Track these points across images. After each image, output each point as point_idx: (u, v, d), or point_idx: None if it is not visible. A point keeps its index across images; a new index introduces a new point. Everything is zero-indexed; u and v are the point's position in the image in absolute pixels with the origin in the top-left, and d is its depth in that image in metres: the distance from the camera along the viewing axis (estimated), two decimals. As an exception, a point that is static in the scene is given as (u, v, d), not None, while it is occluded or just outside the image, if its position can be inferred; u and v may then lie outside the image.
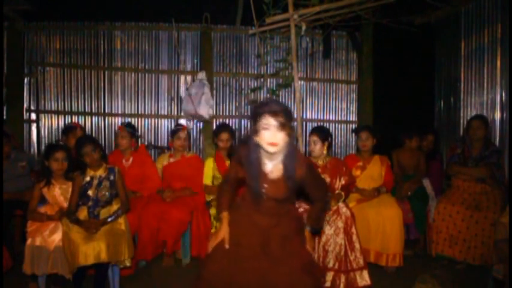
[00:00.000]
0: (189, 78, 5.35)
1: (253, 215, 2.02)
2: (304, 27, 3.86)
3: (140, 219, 3.26)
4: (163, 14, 5.15)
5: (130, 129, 3.66)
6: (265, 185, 1.95)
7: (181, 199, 3.52)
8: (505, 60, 4.07)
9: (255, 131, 1.86)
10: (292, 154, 1.91)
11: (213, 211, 3.47)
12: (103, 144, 5.25)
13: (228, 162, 3.71)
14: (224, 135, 3.72)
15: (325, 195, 2.20)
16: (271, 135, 1.81)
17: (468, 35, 4.69)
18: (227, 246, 1.98)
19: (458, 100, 4.87)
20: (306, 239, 2.11)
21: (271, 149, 1.83)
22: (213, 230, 3.33)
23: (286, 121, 1.82)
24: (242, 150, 1.99)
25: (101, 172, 2.90)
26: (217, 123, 5.39)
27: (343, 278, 2.88)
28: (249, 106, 5.34)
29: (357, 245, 2.97)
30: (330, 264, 2.92)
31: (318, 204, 2.14)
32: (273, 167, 1.95)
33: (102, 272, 2.77)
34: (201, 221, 3.49)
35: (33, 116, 5.30)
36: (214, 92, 5.30)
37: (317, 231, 2.17)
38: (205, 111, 4.89)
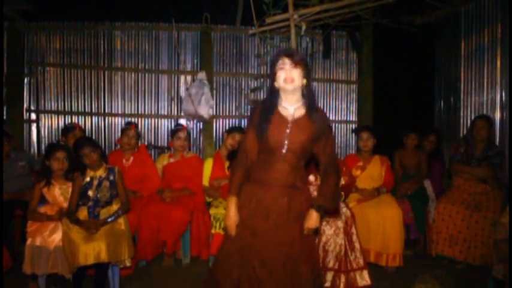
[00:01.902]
0: (189, 78, 5.35)
1: (264, 184, 1.98)
2: (304, 27, 3.86)
3: (140, 219, 3.25)
4: (163, 14, 5.15)
5: (137, 130, 3.70)
6: (288, 130, 1.93)
7: (181, 199, 3.52)
8: (505, 60, 4.07)
9: (272, 77, 1.93)
10: (312, 97, 1.96)
11: (212, 211, 3.47)
12: (103, 144, 5.25)
13: (227, 164, 3.71)
14: (237, 136, 3.70)
15: (337, 167, 2.08)
16: (287, 72, 1.87)
17: (468, 35, 4.69)
18: (233, 233, 1.99)
19: (458, 100, 4.87)
20: (309, 219, 1.98)
21: (288, 86, 1.88)
22: (212, 231, 3.33)
23: (300, 61, 1.88)
24: (258, 106, 2.01)
25: (100, 172, 2.90)
26: (217, 123, 5.40)
27: (343, 278, 2.88)
28: (249, 106, 5.34)
29: (357, 245, 2.97)
30: (330, 264, 2.92)
31: (331, 175, 2.01)
32: (295, 109, 1.97)
33: (102, 272, 2.77)
34: (201, 221, 3.49)
35: (33, 116, 5.30)
36: (214, 92, 5.30)
37: (329, 212, 2.07)
38: (205, 111, 4.89)
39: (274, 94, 1.98)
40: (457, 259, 3.40)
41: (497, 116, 4.20)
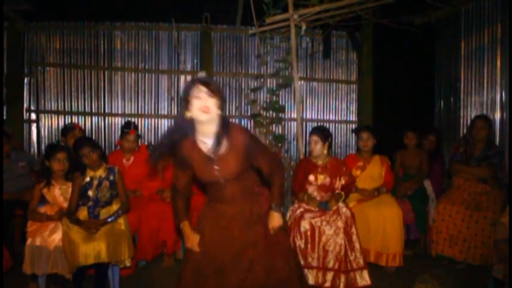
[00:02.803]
0: (189, 78, 5.35)
1: (219, 210, 2.02)
2: (304, 27, 3.86)
3: (140, 219, 3.25)
4: (163, 14, 5.15)
5: (137, 132, 3.70)
6: (216, 166, 1.90)
7: (181, 199, 3.52)
8: (505, 60, 4.07)
9: (186, 107, 1.81)
10: (225, 124, 1.87)
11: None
12: (103, 144, 5.25)
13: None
14: None
15: (279, 167, 2.12)
16: (202, 102, 1.77)
17: (468, 35, 4.69)
18: (197, 249, 2.00)
19: (458, 100, 4.87)
20: (272, 220, 2.07)
21: (203, 116, 1.78)
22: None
23: (216, 90, 1.80)
24: (179, 148, 1.92)
25: (100, 172, 2.90)
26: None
27: (343, 278, 2.88)
28: (249, 106, 5.34)
29: (357, 245, 2.97)
30: (330, 264, 2.92)
31: (275, 175, 2.05)
32: (213, 144, 1.89)
33: (102, 272, 2.77)
34: (201, 221, 3.49)
35: (33, 116, 5.30)
36: (214, 92, 5.29)
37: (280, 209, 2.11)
38: (205, 111, 4.88)
39: (186, 126, 1.85)
40: (457, 259, 3.40)
41: (497, 116, 4.20)
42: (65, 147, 3.06)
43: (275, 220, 2.07)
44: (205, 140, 1.89)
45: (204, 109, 1.77)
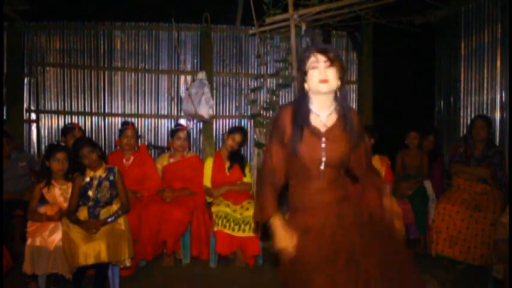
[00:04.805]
0: (189, 78, 5.35)
1: (311, 199, 1.71)
2: (304, 27, 3.85)
3: (140, 219, 3.25)
4: (163, 14, 5.14)
5: (135, 129, 3.70)
6: (323, 144, 1.66)
7: (181, 199, 3.52)
8: (505, 60, 4.06)
9: (302, 77, 1.65)
10: (346, 98, 1.69)
11: (214, 209, 3.47)
12: (103, 144, 5.25)
13: (227, 164, 3.70)
14: (238, 137, 3.70)
15: (377, 175, 1.88)
16: (321, 72, 1.60)
17: (468, 35, 4.69)
18: (293, 254, 1.66)
19: (458, 100, 4.87)
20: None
21: (322, 87, 1.60)
22: (215, 228, 3.32)
23: (336, 58, 1.62)
24: (284, 113, 1.70)
25: (100, 172, 2.90)
26: (217, 123, 5.40)
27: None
28: (249, 106, 5.34)
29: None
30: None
31: (371, 192, 1.77)
32: (327, 116, 1.69)
33: (102, 272, 2.77)
34: (201, 221, 3.49)
35: (33, 116, 5.30)
36: (214, 92, 5.30)
37: None
38: (205, 111, 4.88)
39: (304, 98, 1.68)
40: (457, 259, 3.40)
41: (497, 116, 4.20)
42: (64, 147, 3.06)
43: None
44: (320, 112, 1.69)
45: (324, 80, 1.60)
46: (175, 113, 5.41)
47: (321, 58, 1.61)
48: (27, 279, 2.86)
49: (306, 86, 1.66)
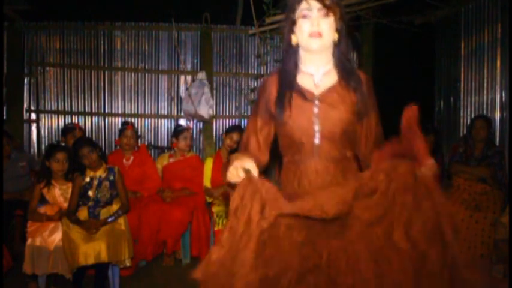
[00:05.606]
0: (189, 78, 5.35)
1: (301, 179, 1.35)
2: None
3: (140, 219, 3.25)
4: (163, 14, 5.14)
5: (135, 129, 3.71)
6: (315, 109, 1.32)
7: (181, 199, 3.52)
8: (505, 60, 4.06)
9: (289, 27, 1.33)
10: (347, 54, 1.36)
11: (215, 209, 3.47)
12: (103, 144, 5.24)
13: (227, 163, 3.70)
14: (235, 136, 3.70)
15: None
16: (312, 23, 1.28)
17: (468, 35, 4.69)
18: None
19: (458, 100, 4.87)
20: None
21: (313, 43, 1.29)
22: (216, 228, 3.32)
23: (333, 5, 1.30)
24: (270, 77, 1.40)
25: (100, 172, 2.90)
26: (217, 123, 5.40)
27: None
28: (249, 106, 5.34)
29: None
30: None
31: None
32: (322, 76, 1.36)
33: (102, 272, 2.77)
34: (201, 221, 3.48)
35: (33, 116, 5.29)
36: (214, 92, 5.30)
37: None
38: (205, 111, 4.88)
39: (291, 55, 1.37)
40: (457, 259, 3.39)
41: (497, 116, 4.20)
42: (64, 148, 3.06)
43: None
44: (313, 71, 1.37)
45: (315, 34, 1.28)
46: (175, 113, 5.40)
47: (315, 5, 1.28)
48: (27, 279, 2.86)
49: (293, 38, 1.35)
